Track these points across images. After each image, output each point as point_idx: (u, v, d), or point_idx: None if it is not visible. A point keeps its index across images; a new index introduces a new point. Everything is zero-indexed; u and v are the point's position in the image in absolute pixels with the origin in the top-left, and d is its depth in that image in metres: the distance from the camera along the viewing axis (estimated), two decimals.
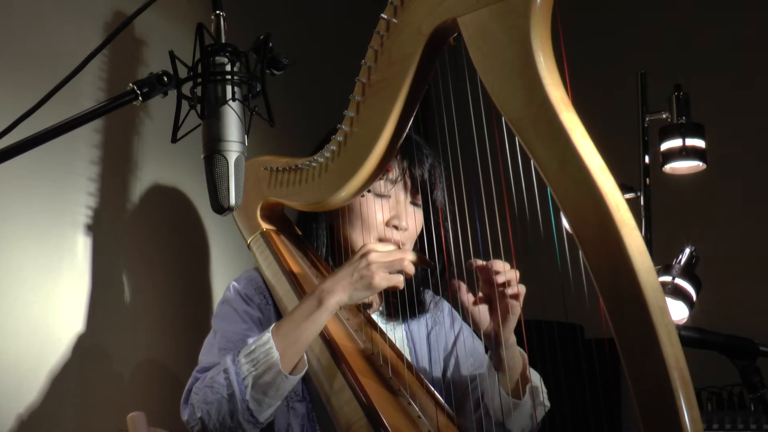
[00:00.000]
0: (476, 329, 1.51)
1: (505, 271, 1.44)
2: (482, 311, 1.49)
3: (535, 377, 1.57)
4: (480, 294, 1.48)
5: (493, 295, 1.45)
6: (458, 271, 1.50)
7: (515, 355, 1.52)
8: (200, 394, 1.47)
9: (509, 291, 1.45)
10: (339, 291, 1.47)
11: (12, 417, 1.62)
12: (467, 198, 1.42)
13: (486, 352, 1.60)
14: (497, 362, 1.50)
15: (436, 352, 1.74)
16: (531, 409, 1.54)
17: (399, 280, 1.48)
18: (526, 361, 1.55)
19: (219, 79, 1.05)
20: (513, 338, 1.50)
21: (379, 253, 1.47)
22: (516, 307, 1.46)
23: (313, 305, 1.47)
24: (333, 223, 1.74)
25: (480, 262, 1.44)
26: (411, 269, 1.48)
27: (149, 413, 1.43)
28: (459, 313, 1.80)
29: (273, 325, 1.49)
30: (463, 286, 1.48)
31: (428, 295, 1.79)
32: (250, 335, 1.56)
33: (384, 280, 1.46)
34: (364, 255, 1.47)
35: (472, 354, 1.71)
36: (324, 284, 1.49)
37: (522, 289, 1.46)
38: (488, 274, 1.45)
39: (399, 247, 1.61)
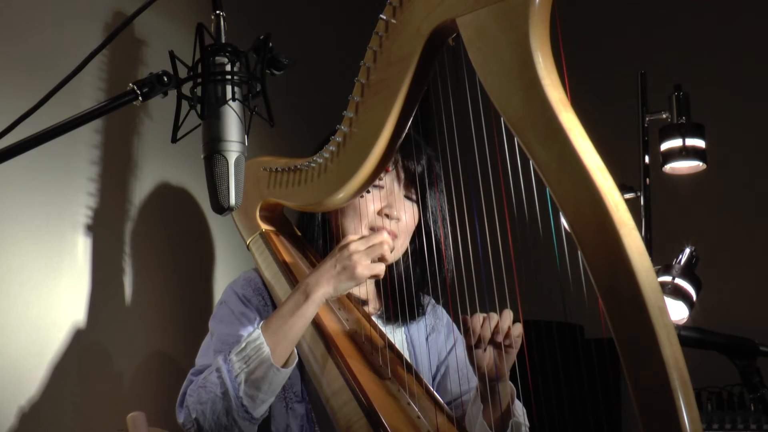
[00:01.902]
0: (473, 366, 1.51)
1: (501, 325, 1.45)
2: (481, 353, 1.49)
3: (519, 410, 1.58)
4: (482, 345, 1.48)
5: (494, 339, 1.47)
6: (457, 271, 1.50)
7: (506, 389, 1.53)
8: (194, 396, 1.48)
9: (507, 341, 1.46)
10: (324, 283, 1.48)
11: (12, 416, 1.62)
12: (466, 198, 1.42)
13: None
14: (491, 396, 1.51)
15: (432, 355, 1.74)
16: None
17: (381, 269, 1.51)
18: (514, 394, 1.56)
19: (219, 79, 1.05)
20: (507, 373, 1.51)
21: (359, 242, 1.50)
22: (515, 345, 1.47)
23: (300, 299, 1.49)
24: (329, 216, 1.75)
25: (477, 322, 1.45)
26: (389, 255, 1.51)
27: (149, 413, 1.43)
28: (458, 311, 1.80)
29: (262, 321, 1.50)
30: (474, 333, 1.48)
31: (426, 300, 1.80)
32: None
33: (366, 269, 1.48)
34: (345, 246, 1.50)
35: (461, 369, 1.71)
36: (309, 278, 1.50)
37: (519, 329, 1.47)
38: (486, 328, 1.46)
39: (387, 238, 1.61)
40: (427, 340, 1.76)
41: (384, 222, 1.66)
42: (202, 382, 1.48)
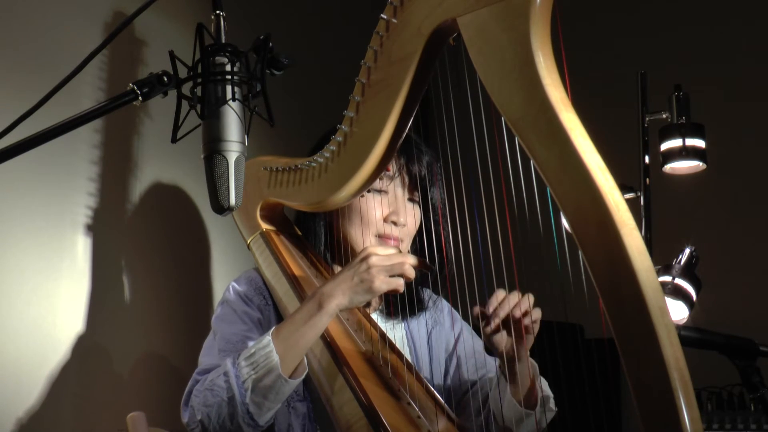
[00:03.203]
0: (492, 349, 1.49)
1: (521, 304, 1.43)
2: (498, 336, 1.47)
3: (544, 385, 1.57)
4: (496, 320, 1.45)
5: (510, 321, 1.44)
6: (457, 269, 1.50)
7: (528, 367, 1.51)
8: (200, 397, 1.47)
9: (526, 320, 1.44)
10: (339, 294, 1.46)
11: (12, 417, 1.62)
12: (467, 197, 1.42)
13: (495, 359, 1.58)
14: (511, 377, 1.49)
15: (437, 352, 1.74)
16: (540, 415, 1.53)
17: (399, 284, 1.47)
18: (537, 370, 1.54)
19: (219, 79, 1.05)
20: (526, 355, 1.50)
21: (380, 256, 1.46)
22: (533, 329, 1.45)
23: (314, 309, 1.46)
24: (331, 220, 1.74)
25: (495, 302, 1.43)
26: (411, 273, 1.47)
27: (149, 413, 1.43)
28: (459, 312, 1.80)
29: (273, 328, 1.49)
30: (484, 315, 1.46)
31: (427, 293, 1.79)
32: (250, 336, 1.56)
33: (384, 283, 1.46)
34: (365, 258, 1.46)
35: (473, 355, 1.71)
36: (324, 287, 1.48)
37: (538, 314, 1.45)
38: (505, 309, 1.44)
39: (399, 249, 1.61)
40: (430, 336, 1.76)
41: (390, 229, 1.66)
42: (209, 384, 1.47)
